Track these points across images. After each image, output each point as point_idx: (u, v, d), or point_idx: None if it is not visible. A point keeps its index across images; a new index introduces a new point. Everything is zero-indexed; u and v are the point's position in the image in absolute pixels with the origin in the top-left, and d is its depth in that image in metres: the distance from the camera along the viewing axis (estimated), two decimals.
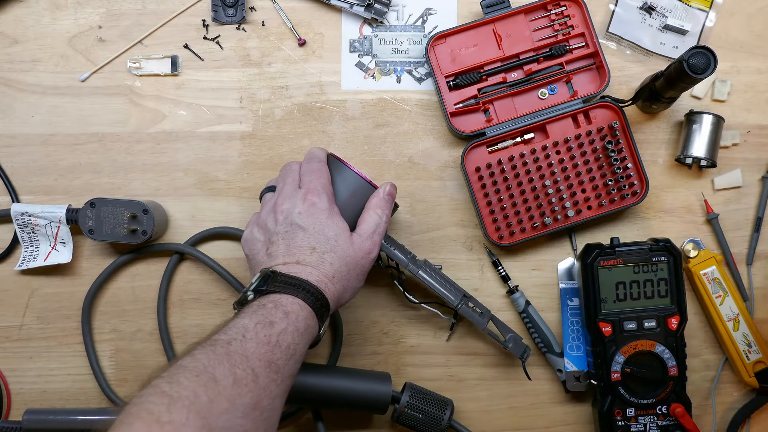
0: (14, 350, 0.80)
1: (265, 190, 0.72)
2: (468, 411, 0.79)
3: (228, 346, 0.54)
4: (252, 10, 0.81)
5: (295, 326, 0.58)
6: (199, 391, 0.49)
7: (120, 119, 0.81)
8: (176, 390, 0.49)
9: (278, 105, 0.81)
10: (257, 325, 0.56)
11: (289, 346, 0.57)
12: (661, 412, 0.74)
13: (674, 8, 0.80)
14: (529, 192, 0.78)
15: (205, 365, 0.51)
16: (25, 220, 0.77)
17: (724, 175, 0.81)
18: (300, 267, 0.63)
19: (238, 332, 0.55)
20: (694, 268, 0.78)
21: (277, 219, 0.66)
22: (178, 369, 0.51)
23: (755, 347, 0.77)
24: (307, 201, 0.66)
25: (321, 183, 0.67)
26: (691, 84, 0.71)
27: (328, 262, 0.64)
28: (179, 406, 0.48)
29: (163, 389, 0.49)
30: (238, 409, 0.51)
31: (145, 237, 0.75)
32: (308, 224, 0.65)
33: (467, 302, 0.74)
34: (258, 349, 0.55)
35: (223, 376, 0.51)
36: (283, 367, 0.56)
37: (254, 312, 0.58)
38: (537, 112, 0.79)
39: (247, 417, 0.51)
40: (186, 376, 0.50)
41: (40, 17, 0.81)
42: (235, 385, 0.51)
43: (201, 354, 0.53)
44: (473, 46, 0.79)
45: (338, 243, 0.65)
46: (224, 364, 0.52)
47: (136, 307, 0.80)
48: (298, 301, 0.60)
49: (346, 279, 0.65)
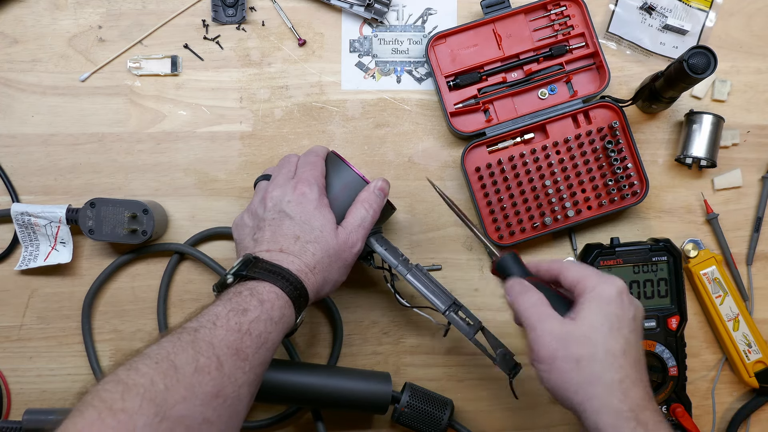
0: (14, 350, 0.80)
1: (260, 177, 0.72)
2: (468, 411, 0.79)
3: (195, 333, 0.54)
4: (252, 10, 0.81)
5: (269, 315, 0.57)
6: (156, 378, 0.49)
7: (120, 119, 0.81)
8: (133, 377, 0.49)
9: (278, 105, 0.81)
10: (230, 312, 0.56)
11: (261, 334, 0.56)
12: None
13: (674, 8, 0.81)
14: (529, 192, 0.78)
15: (168, 352, 0.51)
16: (25, 220, 0.77)
17: (724, 175, 0.81)
18: (282, 255, 0.63)
19: (208, 320, 0.55)
20: (694, 268, 0.78)
21: (266, 206, 0.67)
22: (140, 357, 0.51)
23: (755, 347, 0.77)
24: (297, 190, 0.66)
25: (313, 174, 0.68)
26: (691, 84, 0.71)
27: (310, 252, 0.64)
28: (133, 393, 0.47)
29: (120, 377, 0.49)
30: (198, 396, 0.50)
31: (145, 237, 0.75)
32: (295, 213, 0.65)
33: (457, 310, 0.70)
34: (227, 336, 0.54)
35: (184, 363, 0.51)
36: (252, 356, 0.55)
37: (229, 299, 0.58)
38: (537, 112, 0.79)
39: (207, 405, 0.51)
40: (145, 363, 0.50)
41: (40, 17, 0.81)
42: (196, 372, 0.51)
43: (166, 342, 0.53)
44: (473, 46, 0.79)
45: (323, 234, 0.65)
46: (188, 351, 0.52)
47: (136, 307, 0.80)
48: (275, 290, 0.59)
49: (327, 271, 0.65)
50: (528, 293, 0.59)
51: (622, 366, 0.55)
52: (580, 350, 0.55)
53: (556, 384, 0.55)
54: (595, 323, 0.56)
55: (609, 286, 0.58)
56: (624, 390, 0.54)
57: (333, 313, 0.79)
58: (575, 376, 0.54)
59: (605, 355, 0.55)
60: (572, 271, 0.60)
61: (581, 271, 0.59)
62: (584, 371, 0.54)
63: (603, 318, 0.56)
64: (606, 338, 0.55)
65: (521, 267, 0.64)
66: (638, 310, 0.59)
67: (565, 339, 0.55)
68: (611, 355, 0.55)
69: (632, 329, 0.57)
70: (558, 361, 0.55)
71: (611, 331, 0.56)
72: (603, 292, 0.57)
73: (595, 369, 0.54)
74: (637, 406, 0.53)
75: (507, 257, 0.64)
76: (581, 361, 0.54)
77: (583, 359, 0.54)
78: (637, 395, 0.54)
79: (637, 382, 0.55)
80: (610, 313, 0.56)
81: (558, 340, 0.55)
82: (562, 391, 0.55)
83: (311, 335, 0.80)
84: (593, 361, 0.54)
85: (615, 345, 0.55)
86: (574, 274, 0.59)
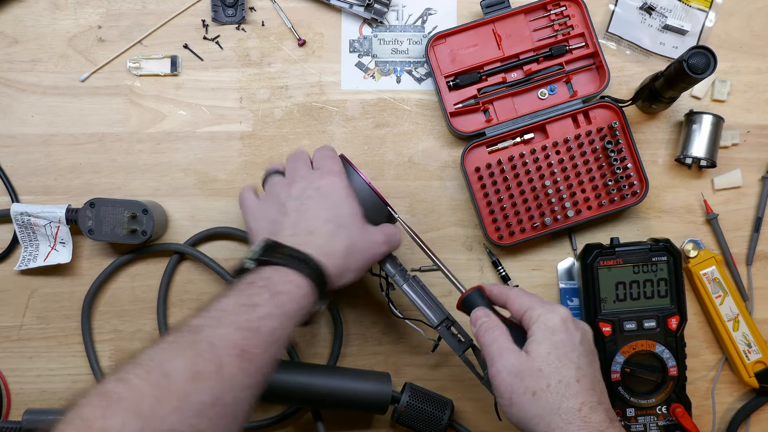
0: (14, 350, 0.80)
1: (271, 172, 0.70)
2: (468, 411, 0.79)
3: (197, 333, 0.51)
4: (252, 10, 0.81)
5: (282, 309, 0.55)
6: (146, 390, 0.47)
7: (120, 119, 0.81)
8: (119, 390, 0.46)
9: (278, 105, 0.81)
10: (239, 307, 0.54)
11: (272, 331, 0.54)
12: (661, 412, 0.74)
13: (674, 8, 0.81)
14: (528, 192, 0.78)
15: (162, 358, 0.49)
16: (24, 220, 0.77)
17: (723, 175, 0.81)
18: (309, 238, 0.61)
19: (214, 316, 0.53)
20: (694, 268, 0.78)
21: (291, 193, 0.65)
22: (132, 364, 0.49)
23: (755, 347, 0.77)
24: (326, 179, 0.65)
25: (339, 167, 0.67)
26: (690, 84, 0.71)
27: (337, 237, 0.63)
28: (116, 408, 0.45)
29: (106, 388, 0.47)
30: (191, 407, 0.48)
31: (145, 237, 0.75)
32: (324, 199, 0.64)
33: (449, 325, 0.69)
34: (232, 335, 0.52)
35: (179, 370, 0.48)
36: (259, 356, 0.52)
37: (241, 290, 0.56)
38: (537, 112, 0.79)
39: (201, 415, 0.48)
40: (136, 372, 0.48)
41: (39, 17, 0.81)
42: (192, 380, 0.48)
43: (164, 343, 0.51)
44: (473, 46, 0.79)
45: (352, 223, 0.64)
46: (185, 355, 0.49)
47: (136, 307, 0.80)
48: (295, 278, 0.58)
49: (350, 259, 0.64)
50: (491, 329, 0.61)
51: (577, 393, 0.56)
52: (535, 384, 0.56)
53: (517, 417, 0.56)
54: (544, 355, 0.57)
55: (552, 315, 0.59)
56: (583, 417, 0.55)
57: (333, 313, 0.79)
58: (533, 408, 0.55)
59: (558, 385, 0.56)
60: (518, 302, 0.61)
61: (526, 301, 0.61)
62: (541, 403, 0.55)
63: (551, 347, 0.57)
64: (557, 368, 0.57)
65: (486, 302, 0.65)
66: (585, 333, 0.60)
67: (520, 373, 0.56)
68: (564, 384, 0.56)
69: (581, 353, 0.58)
70: (515, 395, 0.56)
71: (560, 360, 0.57)
72: (548, 321, 0.59)
73: (551, 400, 0.55)
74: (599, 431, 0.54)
75: (474, 293, 0.66)
76: (537, 393, 0.56)
77: (539, 391, 0.56)
78: (597, 420, 0.55)
79: (596, 407, 0.56)
80: (557, 342, 0.58)
81: (514, 375, 0.57)
82: (524, 423, 0.56)
83: (311, 335, 0.80)
84: (548, 393, 0.56)
85: (567, 373, 0.56)
86: (520, 305, 0.61)
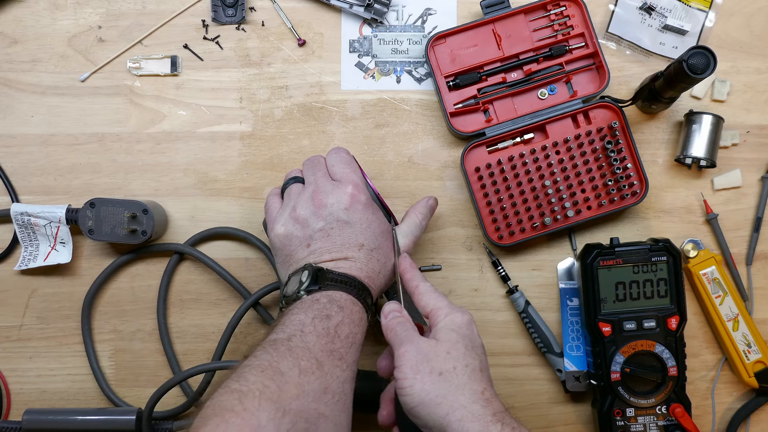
0: (14, 350, 0.80)
1: (291, 181, 0.70)
2: None
3: (288, 343, 0.56)
4: (252, 10, 0.81)
5: (350, 318, 0.60)
6: (267, 382, 0.52)
7: (120, 119, 0.81)
8: (244, 385, 0.51)
9: (278, 105, 0.81)
10: (314, 319, 0.58)
11: (348, 336, 0.59)
12: (661, 412, 0.74)
13: (674, 8, 0.81)
14: (528, 192, 0.78)
15: (269, 361, 0.54)
16: (24, 220, 0.77)
17: (723, 175, 0.81)
18: (348, 263, 0.64)
19: (296, 328, 0.57)
20: (694, 268, 0.78)
21: (319, 214, 0.65)
22: (243, 369, 0.53)
23: (755, 347, 0.77)
24: (348, 195, 0.66)
25: (357, 174, 0.68)
26: (690, 84, 0.71)
27: (375, 259, 0.65)
28: (250, 397, 0.50)
29: (231, 387, 0.51)
30: (309, 394, 0.53)
31: (144, 237, 0.75)
32: (354, 220, 0.66)
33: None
34: (318, 341, 0.57)
35: (288, 368, 0.53)
36: (345, 355, 0.58)
37: (309, 307, 0.60)
38: (537, 112, 0.79)
39: (318, 401, 0.54)
40: (252, 372, 0.53)
41: (39, 17, 0.81)
42: (301, 374, 0.54)
43: (263, 353, 0.55)
44: (473, 46, 0.79)
45: (385, 240, 0.67)
46: (288, 359, 0.54)
47: (136, 307, 0.80)
48: (350, 297, 0.62)
49: (381, 277, 0.67)
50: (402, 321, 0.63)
51: (481, 379, 0.59)
52: (442, 365, 0.58)
53: (419, 397, 0.57)
54: (453, 342, 0.60)
55: (461, 315, 0.62)
56: (486, 399, 0.57)
57: None
58: (437, 388, 0.57)
59: (465, 369, 0.59)
60: (425, 298, 0.64)
61: (436, 301, 0.63)
62: (447, 382, 0.58)
63: (459, 338, 0.60)
64: (464, 355, 0.60)
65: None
66: (482, 344, 0.63)
67: (428, 354, 0.59)
68: (471, 369, 0.59)
69: (484, 353, 0.62)
70: (421, 374, 0.58)
71: (467, 350, 0.60)
72: (456, 319, 0.62)
73: (456, 381, 0.58)
74: (500, 412, 0.57)
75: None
76: (443, 373, 0.58)
77: (445, 372, 0.58)
78: (497, 404, 0.58)
79: (495, 396, 0.59)
80: (465, 336, 0.61)
81: (422, 356, 0.59)
82: (426, 403, 0.57)
83: None
84: (454, 374, 0.58)
85: (473, 361, 0.59)
86: (427, 301, 0.64)
